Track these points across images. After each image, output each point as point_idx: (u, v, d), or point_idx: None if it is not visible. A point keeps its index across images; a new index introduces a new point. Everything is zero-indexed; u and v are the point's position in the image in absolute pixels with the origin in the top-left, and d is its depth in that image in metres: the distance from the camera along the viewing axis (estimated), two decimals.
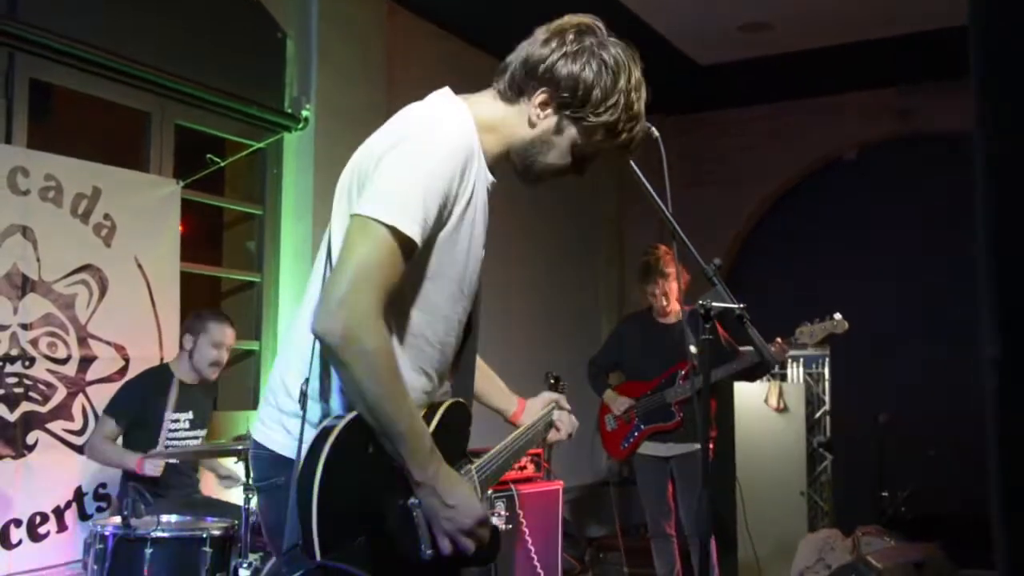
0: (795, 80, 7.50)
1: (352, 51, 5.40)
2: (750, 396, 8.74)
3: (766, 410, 8.69)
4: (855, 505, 6.84)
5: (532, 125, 1.80)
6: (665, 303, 4.82)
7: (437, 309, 1.78)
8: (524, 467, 4.75)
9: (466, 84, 1.92)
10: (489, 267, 1.95)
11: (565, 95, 1.76)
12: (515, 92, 1.80)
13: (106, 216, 4.29)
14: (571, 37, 1.77)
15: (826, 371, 8.79)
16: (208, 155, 4.88)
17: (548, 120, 1.79)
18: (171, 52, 4.57)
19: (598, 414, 5.05)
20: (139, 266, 4.44)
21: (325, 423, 1.62)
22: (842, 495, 7.64)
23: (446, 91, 1.83)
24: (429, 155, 1.65)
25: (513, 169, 1.87)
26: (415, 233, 1.61)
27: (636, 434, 4.80)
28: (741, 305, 1.85)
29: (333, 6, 5.29)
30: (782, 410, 8.81)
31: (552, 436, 2.30)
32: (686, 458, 4.71)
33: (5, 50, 3.95)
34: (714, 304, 1.84)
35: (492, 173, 1.83)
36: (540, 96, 1.77)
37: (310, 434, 1.63)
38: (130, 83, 4.43)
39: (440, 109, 1.76)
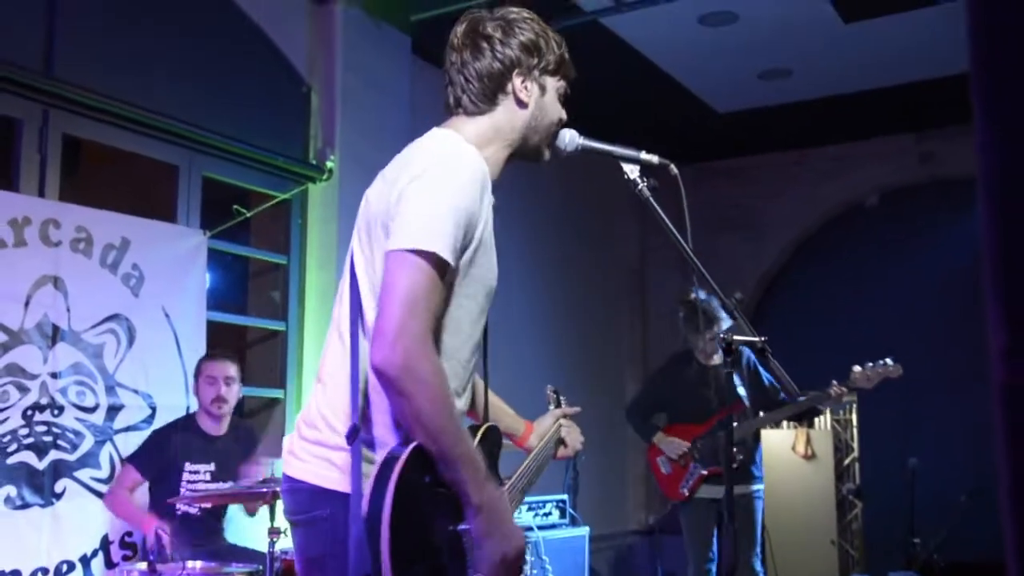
0: (815, 127, 7.55)
1: (375, 103, 5.50)
2: (778, 443, 8.65)
3: (794, 457, 8.60)
4: (886, 552, 6.72)
5: (524, 105, 1.93)
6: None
7: (465, 331, 1.85)
8: (549, 513, 4.73)
9: None
10: (512, 315, 2.01)
11: (531, 61, 1.93)
12: (489, 101, 1.92)
13: (134, 266, 4.36)
14: (489, 27, 1.93)
15: (854, 417, 8.71)
16: (235, 206, 4.96)
17: (533, 89, 1.94)
18: (199, 106, 4.68)
19: (648, 457, 5.00)
20: (166, 315, 4.49)
21: (388, 454, 1.67)
22: (873, 542, 7.52)
23: (436, 131, 1.92)
24: (451, 183, 1.73)
25: (524, 158, 2.00)
26: (450, 256, 1.69)
27: (696, 476, 4.75)
28: (762, 338, 1.86)
29: (357, 60, 5.40)
30: (810, 457, 8.71)
31: (561, 452, 2.34)
32: (738, 500, 4.61)
33: (39, 107, 4.07)
34: (735, 337, 1.86)
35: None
36: (517, 79, 1.92)
37: (363, 468, 1.68)
38: (159, 137, 4.53)
39: (449, 141, 1.86)
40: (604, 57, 6.02)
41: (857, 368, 4.45)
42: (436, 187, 1.72)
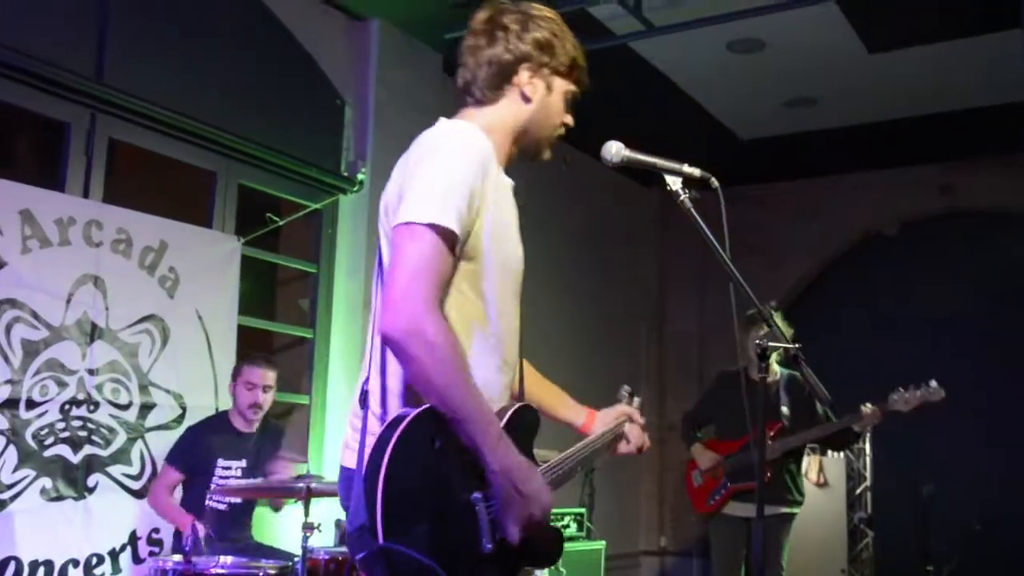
0: (837, 155, 7.62)
1: (407, 118, 5.61)
2: None
3: (806, 485, 8.60)
4: None
5: (528, 100, 2.00)
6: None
7: (504, 305, 1.92)
8: (567, 525, 4.79)
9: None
10: (531, 334, 2.06)
11: (542, 59, 1.99)
12: (494, 89, 1.99)
13: (171, 269, 4.47)
14: (508, 19, 1.99)
15: (867, 446, 8.73)
16: (268, 214, 5.07)
17: (539, 86, 2.00)
18: (239, 116, 4.81)
19: (685, 468, 5.03)
20: (199, 318, 4.59)
21: (395, 415, 1.70)
22: (885, 571, 7.52)
23: (442, 120, 1.98)
24: (449, 158, 1.81)
25: (523, 156, 2.05)
26: (452, 223, 1.74)
27: (723, 491, 4.75)
28: (796, 345, 1.94)
29: (390, 75, 5.53)
30: (822, 485, 8.72)
31: (622, 448, 2.33)
32: (767, 521, 4.53)
33: (88, 111, 4.19)
34: (770, 344, 1.93)
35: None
36: (524, 73, 1.98)
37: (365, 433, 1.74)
38: (199, 144, 4.66)
39: (451, 125, 1.94)
40: (632, 80, 6.12)
41: (900, 391, 4.44)
42: (436, 162, 1.79)
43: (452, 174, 1.78)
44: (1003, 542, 6.55)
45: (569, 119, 2.08)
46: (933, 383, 4.42)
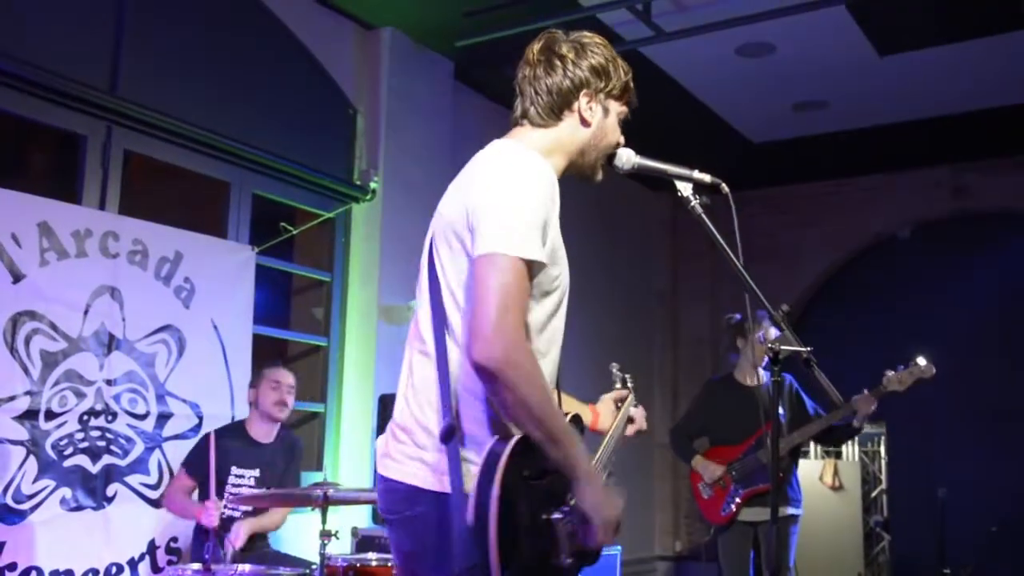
0: (849, 158, 7.62)
1: (419, 127, 5.65)
2: (805, 474, 8.61)
3: (821, 488, 8.59)
4: None
5: (587, 123, 2.07)
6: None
7: (556, 334, 2.00)
8: None
9: None
10: None
11: (599, 84, 2.06)
12: (554, 116, 2.05)
13: (186, 279, 4.51)
14: (564, 47, 2.06)
15: (882, 449, 8.71)
16: (282, 223, 5.11)
17: (597, 110, 2.07)
18: (252, 126, 4.85)
19: (690, 483, 5.01)
20: (215, 327, 4.63)
21: (490, 451, 1.77)
22: (901, 574, 7.50)
23: (499, 142, 2.03)
24: (525, 188, 1.85)
25: (578, 176, 2.12)
26: (537, 255, 1.81)
27: (737, 498, 4.72)
28: (808, 349, 1.95)
29: (402, 85, 5.56)
30: (837, 488, 8.70)
31: (630, 430, 2.48)
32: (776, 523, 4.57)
33: (103, 123, 4.24)
34: (783, 347, 1.94)
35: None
36: (584, 98, 2.04)
37: (457, 464, 1.80)
38: (214, 155, 4.70)
39: (517, 150, 1.97)
40: (642, 86, 6.10)
41: (890, 372, 4.45)
42: (514, 192, 1.83)
43: (531, 204, 1.83)
44: (1021, 545, 6.52)
45: (621, 138, 2.15)
46: (922, 360, 4.42)
